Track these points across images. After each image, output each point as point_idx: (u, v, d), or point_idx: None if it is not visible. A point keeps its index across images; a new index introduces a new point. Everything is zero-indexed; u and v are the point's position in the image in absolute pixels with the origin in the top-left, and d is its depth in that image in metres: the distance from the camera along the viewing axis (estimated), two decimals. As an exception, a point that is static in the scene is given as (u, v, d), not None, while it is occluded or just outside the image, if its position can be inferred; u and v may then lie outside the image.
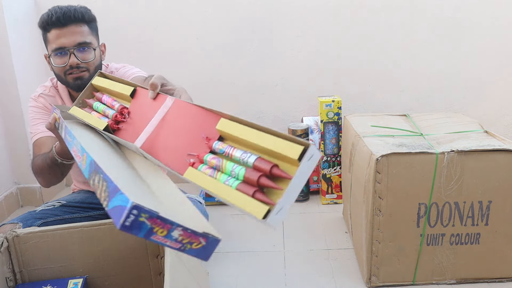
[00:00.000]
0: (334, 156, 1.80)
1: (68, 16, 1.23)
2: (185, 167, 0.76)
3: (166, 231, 0.60)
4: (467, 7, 1.89)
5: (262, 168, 0.65)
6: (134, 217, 0.57)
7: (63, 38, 1.24)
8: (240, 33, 1.95)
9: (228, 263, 1.42)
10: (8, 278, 1.06)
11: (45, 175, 1.29)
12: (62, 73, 1.28)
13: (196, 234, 0.63)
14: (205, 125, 0.79)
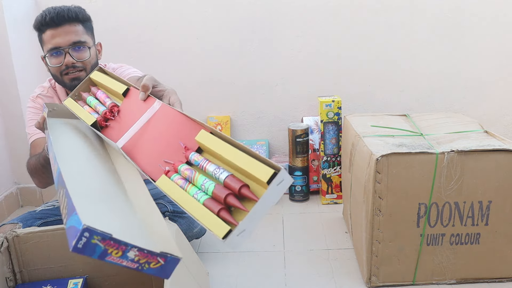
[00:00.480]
0: (334, 156, 1.80)
1: (61, 16, 1.23)
2: (159, 173, 0.76)
3: (121, 252, 0.59)
4: (467, 7, 1.89)
5: (232, 187, 0.65)
6: (86, 240, 0.56)
7: (58, 38, 1.24)
8: (240, 33, 1.95)
9: (228, 263, 1.42)
10: (8, 278, 1.06)
11: (39, 175, 1.28)
12: (59, 73, 1.28)
13: (153, 254, 0.62)
14: (186, 134, 0.79)
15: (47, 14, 1.23)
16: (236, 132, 2.06)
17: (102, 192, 0.76)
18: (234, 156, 0.68)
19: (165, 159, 0.78)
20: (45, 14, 1.24)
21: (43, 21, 1.24)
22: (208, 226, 0.64)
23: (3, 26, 1.76)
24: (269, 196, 0.62)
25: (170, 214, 1.39)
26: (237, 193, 0.65)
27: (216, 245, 1.53)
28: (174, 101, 0.91)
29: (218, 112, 2.05)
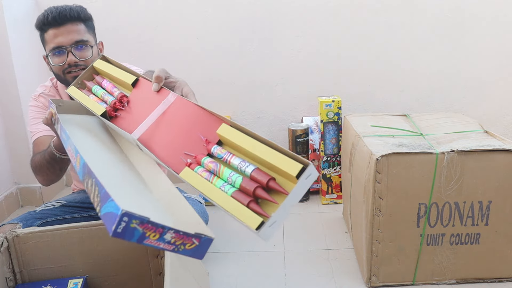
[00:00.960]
0: (334, 156, 1.80)
1: (64, 15, 1.24)
2: (181, 166, 0.77)
3: (159, 235, 0.61)
4: (467, 7, 1.89)
5: (259, 180, 0.66)
6: (125, 224, 0.57)
7: (60, 37, 1.25)
8: (240, 33, 1.95)
9: (228, 263, 1.42)
10: (8, 278, 1.06)
11: (44, 172, 1.29)
12: (61, 72, 1.28)
13: (188, 235, 0.64)
14: (205, 127, 0.79)
15: (49, 13, 1.24)
16: (236, 132, 2.06)
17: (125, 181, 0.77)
18: (259, 150, 0.69)
19: (185, 152, 0.78)
20: (47, 13, 1.24)
21: (45, 20, 1.24)
22: (240, 217, 0.65)
23: (3, 26, 1.76)
24: (298, 189, 0.64)
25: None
26: (264, 186, 0.66)
27: (216, 245, 1.53)
28: (187, 92, 0.91)
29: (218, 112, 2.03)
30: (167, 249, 0.63)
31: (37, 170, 1.29)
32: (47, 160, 1.22)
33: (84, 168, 0.70)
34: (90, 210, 1.43)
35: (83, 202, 1.43)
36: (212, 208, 1.79)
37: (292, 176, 0.63)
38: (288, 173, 0.64)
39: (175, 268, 0.93)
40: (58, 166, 1.25)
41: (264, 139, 0.70)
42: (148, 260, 1.13)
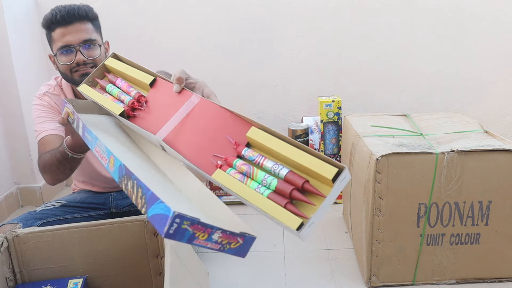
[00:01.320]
0: (334, 156, 1.80)
1: (72, 14, 1.24)
2: (210, 167, 0.77)
3: (207, 235, 0.63)
4: (467, 7, 1.89)
5: (294, 182, 0.68)
6: (177, 225, 0.59)
7: (69, 36, 1.24)
8: (240, 33, 1.95)
9: (228, 263, 1.42)
10: (8, 278, 1.06)
11: (53, 171, 1.27)
12: (68, 71, 1.28)
13: (234, 234, 0.66)
14: (232, 129, 0.80)
15: (57, 12, 1.24)
16: (236, 132, 2.06)
17: (158, 181, 0.77)
18: (292, 153, 0.71)
19: (214, 154, 0.78)
20: (55, 12, 1.24)
21: (53, 19, 1.24)
22: (279, 218, 0.66)
23: (3, 26, 1.76)
24: (335, 192, 0.66)
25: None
26: (300, 188, 0.67)
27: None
28: (209, 94, 0.90)
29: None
30: (214, 248, 0.65)
31: (46, 169, 1.28)
32: (58, 159, 1.22)
33: (121, 170, 0.71)
34: (90, 210, 1.43)
35: (83, 202, 1.43)
36: (212, 208, 1.79)
37: (327, 179, 0.65)
38: (324, 176, 0.66)
39: (175, 268, 0.93)
40: (69, 166, 1.24)
41: (295, 142, 0.72)
42: (148, 260, 1.13)
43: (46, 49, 2.00)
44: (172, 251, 0.96)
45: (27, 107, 1.87)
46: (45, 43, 1.97)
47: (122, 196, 1.49)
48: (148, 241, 1.11)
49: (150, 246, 1.11)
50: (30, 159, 1.92)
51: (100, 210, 1.45)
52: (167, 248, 0.96)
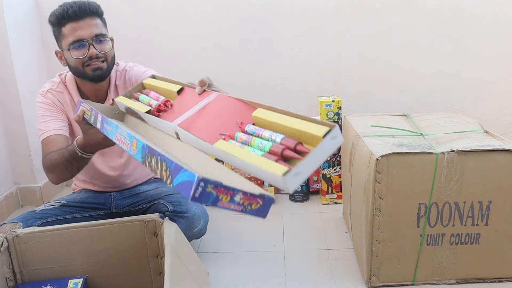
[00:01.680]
0: (334, 156, 1.80)
1: (83, 9, 1.25)
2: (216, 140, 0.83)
3: (230, 197, 0.68)
4: (467, 7, 1.89)
5: (288, 145, 0.73)
6: (201, 189, 0.65)
7: (80, 31, 1.25)
8: (240, 33, 1.95)
9: (228, 263, 1.42)
10: (8, 278, 1.06)
11: (60, 170, 1.27)
12: (80, 65, 1.28)
13: (254, 196, 0.71)
14: (242, 113, 0.85)
15: (68, 7, 1.25)
16: (236, 132, 2.06)
17: (179, 159, 0.81)
18: (289, 121, 0.77)
19: (221, 132, 0.84)
20: (66, 7, 1.25)
21: (64, 14, 1.24)
22: (266, 168, 0.69)
23: (3, 26, 1.76)
24: (324, 147, 0.70)
25: (170, 214, 1.39)
26: (293, 149, 0.72)
27: (216, 245, 1.53)
28: None
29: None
30: (237, 210, 0.70)
31: (53, 168, 1.28)
32: (66, 159, 1.22)
33: (143, 150, 0.78)
34: (90, 210, 1.43)
35: (83, 202, 1.43)
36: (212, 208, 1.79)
37: (319, 137, 0.69)
38: (315, 135, 0.69)
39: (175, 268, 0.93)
40: (77, 165, 1.25)
41: (298, 114, 0.77)
42: (148, 260, 1.13)
43: (46, 49, 2.00)
44: (172, 251, 0.96)
45: (27, 107, 1.87)
46: (45, 43, 1.98)
47: (122, 196, 1.49)
48: (148, 241, 1.11)
49: (150, 246, 1.11)
50: (30, 159, 1.92)
51: (100, 210, 1.45)
52: (167, 248, 0.96)
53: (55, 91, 1.38)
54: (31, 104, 1.89)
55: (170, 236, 1.01)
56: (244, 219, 1.71)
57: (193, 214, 1.38)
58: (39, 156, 1.92)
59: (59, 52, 1.32)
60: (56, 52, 1.33)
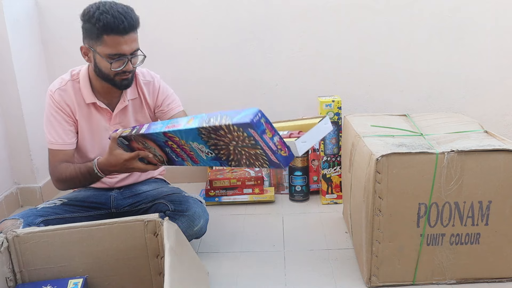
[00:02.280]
0: (334, 156, 1.80)
1: (131, 25, 1.26)
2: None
3: (271, 135, 0.92)
4: (467, 7, 1.89)
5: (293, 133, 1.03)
6: (258, 118, 0.88)
7: (125, 46, 1.26)
8: (240, 33, 1.95)
9: (228, 263, 1.42)
10: (8, 278, 1.06)
11: (73, 183, 1.38)
12: (112, 74, 1.31)
13: (285, 145, 0.94)
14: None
15: (118, 20, 1.23)
16: (236, 132, 2.06)
17: None
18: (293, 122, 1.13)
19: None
20: (116, 20, 1.23)
21: (114, 27, 1.23)
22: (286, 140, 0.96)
23: (3, 26, 1.76)
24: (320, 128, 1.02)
25: (171, 213, 1.39)
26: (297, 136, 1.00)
27: (216, 245, 1.53)
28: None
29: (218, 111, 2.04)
30: (271, 148, 0.92)
31: (66, 179, 1.36)
32: (82, 174, 1.33)
33: (202, 118, 1.03)
34: (90, 210, 1.43)
35: (84, 201, 1.43)
36: (212, 208, 1.79)
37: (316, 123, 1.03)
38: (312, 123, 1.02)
39: (175, 268, 0.93)
40: (90, 180, 1.35)
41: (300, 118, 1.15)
42: (148, 260, 1.13)
43: (46, 49, 2.00)
44: (172, 251, 0.96)
45: (27, 107, 1.87)
46: (45, 43, 1.99)
47: (123, 196, 1.49)
48: (148, 241, 1.11)
49: (150, 246, 1.11)
50: (30, 159, 1.92)
51: (101, 210, 1.45)
52: (167, 248, 0.96)
53: (61, 90, 1.38)
54: (31, 104, 1.89)
55: (170, 236, 1.01)
56: (244, 219, 1.72)
57: (193, 212, 1.38)
58: (39, 156, 1.93)
59: (86, 49, 1.31)
60: (81, 48, 1.32)
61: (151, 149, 1.24)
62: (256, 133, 0.89)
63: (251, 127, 0.86)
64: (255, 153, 1.00)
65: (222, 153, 1.08)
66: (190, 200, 1.42)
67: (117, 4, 1.26)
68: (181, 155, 1.19)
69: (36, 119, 1.87)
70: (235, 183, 1.84)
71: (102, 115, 1.41)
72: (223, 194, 1.85)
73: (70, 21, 1.96)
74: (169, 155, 1.22)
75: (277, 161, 0.94)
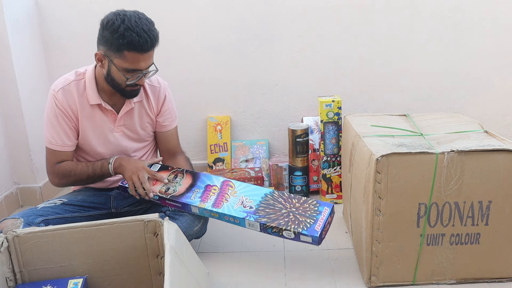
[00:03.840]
0: (334, 156, 1.80)
1: (153, 45, 1.28)
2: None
3: (328, 226, 1.31)
4: (467, 7, 1.89)
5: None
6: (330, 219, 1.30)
7: (142, 63, 1.30)
8: (240, 33, 1.95)
9: (228, 263, 1.42)
10: (8, 278, 1.06)
11: (78, 180, 1.42)
12: (124, 84, 1.33)
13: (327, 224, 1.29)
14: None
15: (143, 42, 1.24)
16: (236, 132, 2.06)
17: None
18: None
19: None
20: (141, 40, 1.24)
21: (138, 45, 1.24)
22: None
23: (3, 26, 1.75)
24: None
25: (171, 213, 1.39)
26: None
27: (216, 245, 1.53)
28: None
29: (218, 112, 2.05)
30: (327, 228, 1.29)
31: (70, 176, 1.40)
32: (95, 173, 1.40)
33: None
34: (90, 210, 1.43)
35: (84, 201, 1.43)
36: (212, 208, 1.79)
37: None
38: None
39: (175, 268, 0.93)
40: (98, 180, 1.43)
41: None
42: (148, 260, 1.13)
43: (46, 49, 2.00)
44: (172, 251, 0.96)
45: (27, 107, 1.87)
46: (46, 43, 1.98)
47: (123, 196, 1.49)
48: (148, 241, 1.11)
49: (150, 246, 1.11)
50: (30, 159, 1.92)
51: (101, 210, 1.45)
52: (167, 248, 0.96)
53: (66, 90, 1.37)
54: (31, 104, 1.89)
55: (170, 236, 1.01)
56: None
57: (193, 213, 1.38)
58: (39, 156, 1.92)
59: (102, 57, 1.30)
60: (96, 54, 1.31)
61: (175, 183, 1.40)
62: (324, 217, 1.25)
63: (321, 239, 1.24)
64: (304, 220, 1.25)
65: (264, 212, 1.31)
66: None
67: (141, 19, 1.26)
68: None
69: (36, 119, 1.87)
70: (235, 183, 1.84)
71: (107, 116, 1.41)
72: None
73: (70, 22, 1.96)
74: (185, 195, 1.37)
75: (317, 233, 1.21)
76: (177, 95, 1.53)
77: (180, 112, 1.98)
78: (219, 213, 1.31)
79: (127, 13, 1.26)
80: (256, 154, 2.01)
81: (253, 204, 1.31)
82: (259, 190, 1.35)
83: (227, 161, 2.00)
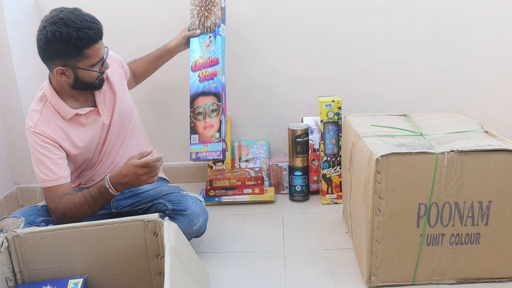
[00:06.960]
0: (334, 156, 1.80)
1: (100, 30, 1.30)
2: None
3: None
4: (467, 7, 1.89)
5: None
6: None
7: (102, 49, 1.32)
8: (240, 33, 1.95)
9: (228, 263, 1.42)
10: (8, 278, 1.06)
11: (81, 211, 1.32)
12: (95, 79, 1.34)
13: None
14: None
15: (94, 30, 1.26)
16: (236, 132, 2.06)
17: None
18: None
19: None
20: (93, 31, 1.26)
21: (95, 37, 1.27)
22: None
23: (3, 26, 1.75)
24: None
25: (170, 212, 1.39)
26: None
27: (216, 245, 1.53)
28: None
29: (218, 112, 2.04)
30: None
31: (73, 211, 1.31)
32: (93, 197, 1.32)
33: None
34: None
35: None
36: (212, 208, 1.79)
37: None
38: None
39: (175, 268, 0.93)
40: (102, 203, 1.34)
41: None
42: (148, 260, 1.13)
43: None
44: (172, 251, 0.96)
45: (27, 107, 1.85)
46: (45, 43, 1.98)
47: (123, 196, 1.49)
48: (148, 241, 1.11)
49: (150, 246, 1.11)
50: (30, 159, 1.92)
51: (101, 210, 1.45)
52: (167, 248, 0.96)
53: (42, 121, 1.35)
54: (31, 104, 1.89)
55: (170, 236, 1.01)
56: (244, 219, 1.71)
57: (193, 211, 1.38)
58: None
59: (63, 70, 1.29)
60: (56, 70, 1.29)
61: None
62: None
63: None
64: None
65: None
66: (189, 199, 1.42)
67: (78, 13, 1.26)
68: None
69: (36, 119, 1.87)
70: (235, 183, 1.84)
71: (90, 116, 1.40)
72: (223, 194, 1.84)
73: (70, 21, 1.96)
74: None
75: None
76: (177, 95, 1.53)
77: (180, 112, 1.98)
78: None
79: (61, 15, 1.24)
80: (256, 154, 2.01)
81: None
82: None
83: (227, 161, 2.01)
